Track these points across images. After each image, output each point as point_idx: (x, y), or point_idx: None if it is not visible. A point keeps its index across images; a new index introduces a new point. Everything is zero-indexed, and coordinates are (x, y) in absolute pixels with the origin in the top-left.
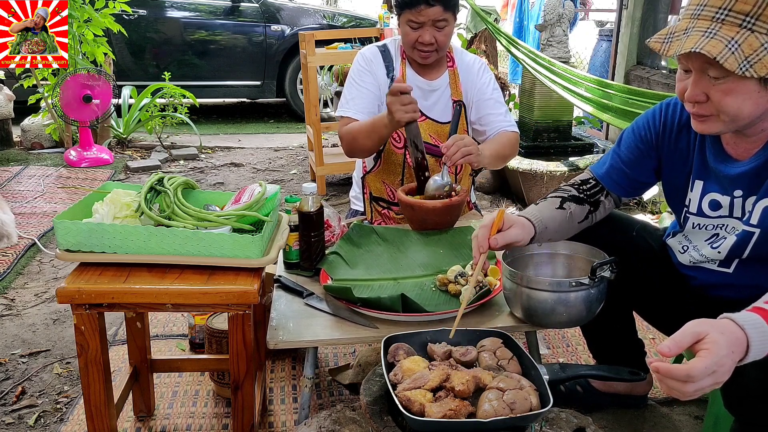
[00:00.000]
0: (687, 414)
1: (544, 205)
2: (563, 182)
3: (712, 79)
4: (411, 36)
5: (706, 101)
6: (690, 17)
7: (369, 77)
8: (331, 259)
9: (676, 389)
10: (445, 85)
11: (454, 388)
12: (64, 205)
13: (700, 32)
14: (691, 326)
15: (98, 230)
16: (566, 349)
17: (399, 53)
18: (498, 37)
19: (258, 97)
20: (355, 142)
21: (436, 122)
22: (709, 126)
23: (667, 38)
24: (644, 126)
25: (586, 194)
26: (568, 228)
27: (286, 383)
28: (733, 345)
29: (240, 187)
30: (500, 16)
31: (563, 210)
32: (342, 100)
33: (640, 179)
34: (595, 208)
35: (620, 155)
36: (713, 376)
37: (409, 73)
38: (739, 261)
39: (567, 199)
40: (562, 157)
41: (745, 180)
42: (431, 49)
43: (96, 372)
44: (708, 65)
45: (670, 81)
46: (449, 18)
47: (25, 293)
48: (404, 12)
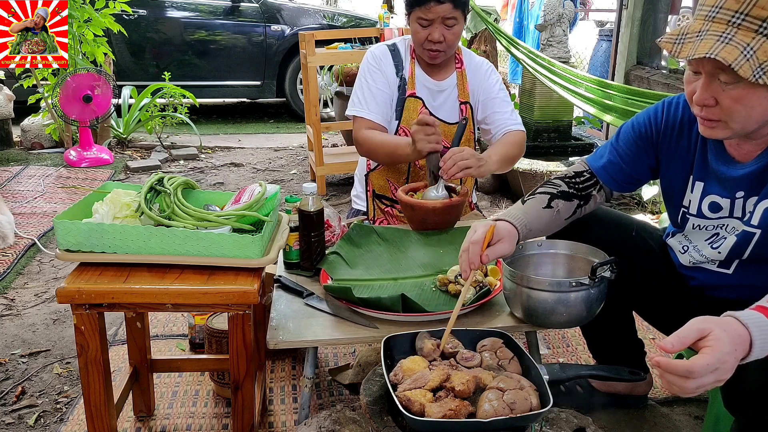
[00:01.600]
0: (687, 414)
1: (531, 204)
2: (553, 175)
3: (722, 83)
4: (420, 34)
5: (714, 105)
6: (704, 19)
7: (379, 76)
8: (331, 259)
9: (676, 385)
10: (453, 85)
11: (455, 388)
12: (64, 205)
13: (715, 36)
14: (695, 323)
15: (98, 230)
16: (566, 349)
17: (409, 53)
18: (498, 37)
19: (258, 97)
20: (373, 154)
21: (443, 122)
22: (717, 132)
23: (678, 39)
24: (645, 123)
25: (577, 187)
26: (553, 225)
27: (286, 383)
28: (736, 343)
29: (240, 187)
30: (500, 16)
31: (550, 209)
32: (354, 98)
33: (636, 176)
34: (585, 201)
35: (618, 150)
36: (715, 373)
37: (418, 73)
38: (738, 262)
39: (556, 196)
40: (562, 157)
41: (748, 182)
42: (441, 48)
43: (96, 372)
44: (719, 70)
45: (670, 81)
46: (458, 16)
47: (25, 293)
48: (414, 9)
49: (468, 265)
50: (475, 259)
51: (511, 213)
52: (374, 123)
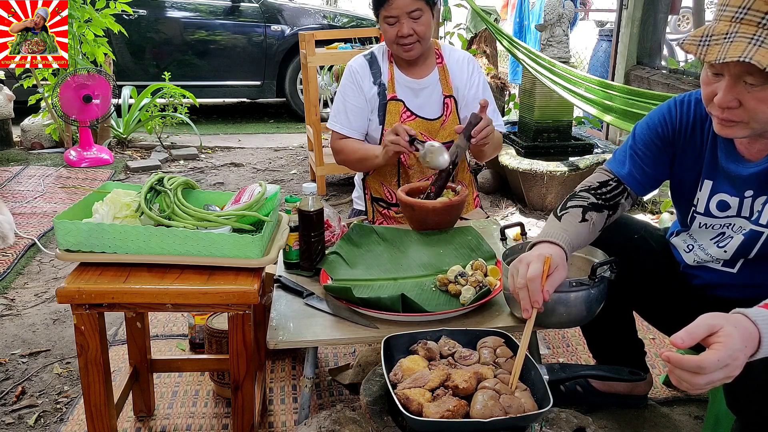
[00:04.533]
0: (687, 414)
1: (568, 220)
2: (578, 186)
3: (747, 85)
4: (390, 32)
5: (738, 107)
6: (730, 20)
7: (355, 91)
8: (331, 259)
9: (686, 380)
10: (435, 81)
11: (458, 386)
12: (64, 205)
13: (746, 39)
14: (705, 319)
15: (98, 230)
16: (566, 349)
17: (386, 57)
18: (498, 37)
19: (258, 97)
20: (346, 162)
21: (426, 120)
22: (735, 131)
23: (703, 40)
24: (660, 122)
25: (605, 198)
26: (590, 238)
27: (286, 383)
28: (746, 339)
29: (240, 187)
30: (500, 16)
31: (586, 222)
32: (332, 110)
33: (658, 177)
34: (614, 211)
35: (638, 153)
36: (725, 369)
37: (397, 75)
38: (744, 261)
39: (588, 209)
40: (562, 157)
41: (757, 180)
42: (412, 40)
43: (96, 372)
44: (747, 73)
45: (670, 81)
46: (422, 7)
47: (25, 293)
48: (379, 11)
49: (531, 304)
50: (537, 297)
51: (553, 233)
52: (348, 137)
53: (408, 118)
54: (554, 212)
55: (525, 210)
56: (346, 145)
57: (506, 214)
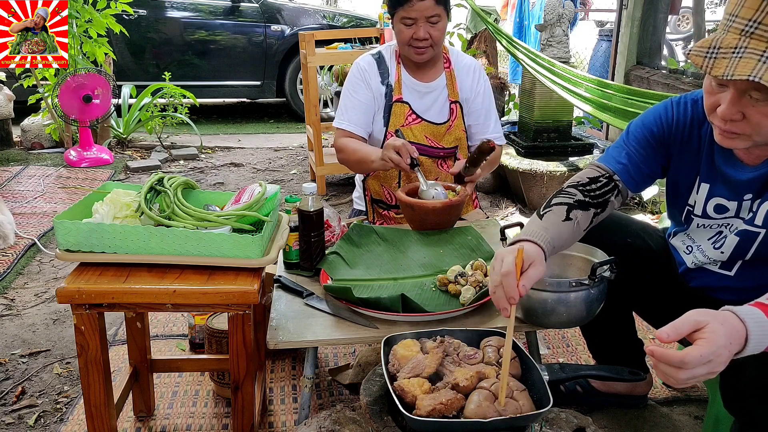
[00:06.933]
0: (687, 414)
1: (551, 219)
2: (567, 182)
3: (752, 99)
4: (405, 33)
5: (741, 120)
6: (740, 34)
7: (362, 87)
8: (331, 259)
9: (669, 375)
10: (442, 86)
11: (459, 383)
12: (64, 205)
13: (756, 56)
14: (692, 315)
15: (98, 230)
16: (566, 349)
17: (394, 58)
18: (498, 38)
19: (258, 97)
20: (346, 161)
21: (432, 123)
22: (737, 143)
23: (710, 53)
24: (655, 121)
25: (593, 195)
26: (574, 238)
27: (286, 383)
28: (731, 336)
29: (240, 187)
30: (500, 16)
31: (570, 221)
32: (338, 110)
33: (651, 174)
34: (603, 209)
35: (631, 149)
36: (708, 365)
37: (404, 77)
38: (741, 263)
39: (573, 206)
40: (562, 157)
41: (757, 185)
42: (426, 44)
43: (96, 372)
44: (753, 88)
45: (669, 81)
46: (441, 13)
47: (25, 293)
48: (397, 10)
49: (507, 301)
50: (513, 292)
51: (531, 231)
52: (351, 133)
53: (413, 121)
54: (537, 210)
55: (525, 210)
56: (348, 144)
57: (506, 214)
